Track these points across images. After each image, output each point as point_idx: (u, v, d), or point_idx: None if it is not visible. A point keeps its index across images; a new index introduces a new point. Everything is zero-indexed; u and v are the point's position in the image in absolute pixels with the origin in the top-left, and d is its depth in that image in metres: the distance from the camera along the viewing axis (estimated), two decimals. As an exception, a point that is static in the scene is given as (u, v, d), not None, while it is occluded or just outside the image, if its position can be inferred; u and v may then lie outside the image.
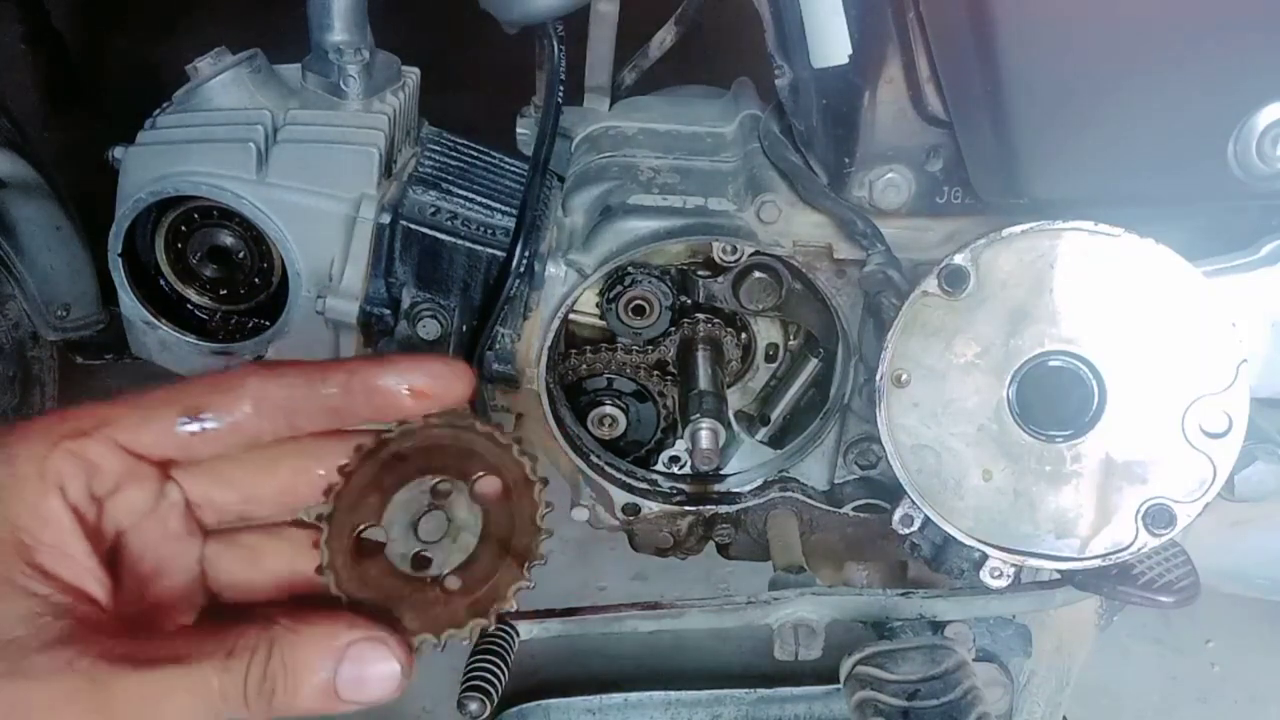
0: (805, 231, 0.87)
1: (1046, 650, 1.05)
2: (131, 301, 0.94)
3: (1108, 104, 0.71)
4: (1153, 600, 0.77)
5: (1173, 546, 0.79)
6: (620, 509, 1.01)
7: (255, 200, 0.88)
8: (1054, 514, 0.76)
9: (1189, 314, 0.71)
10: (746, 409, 1.03)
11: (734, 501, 1.00)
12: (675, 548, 1.04)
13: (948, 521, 0.77)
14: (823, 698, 1.10)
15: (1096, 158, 0.74)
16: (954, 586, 0.89)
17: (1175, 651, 1.80)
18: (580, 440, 1.00)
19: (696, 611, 0.91)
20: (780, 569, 0.95)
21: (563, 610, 0.91)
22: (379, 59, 0.97)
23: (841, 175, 0.83)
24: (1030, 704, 1.07)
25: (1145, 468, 0.74)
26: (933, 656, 0.87)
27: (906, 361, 0.75)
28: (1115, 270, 0.72)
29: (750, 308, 0.94)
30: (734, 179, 0.91)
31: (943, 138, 0.80)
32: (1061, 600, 0.91)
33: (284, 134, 0.90)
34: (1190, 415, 0.73)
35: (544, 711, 1.09)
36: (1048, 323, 0.73)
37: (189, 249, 0.96)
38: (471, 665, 0.84)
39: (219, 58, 0.93)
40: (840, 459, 0.98)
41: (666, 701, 1.11)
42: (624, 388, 1.01)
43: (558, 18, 0.90)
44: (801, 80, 0.85)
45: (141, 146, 0.90)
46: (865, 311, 0.88)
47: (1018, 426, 0.75)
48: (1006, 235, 0.72)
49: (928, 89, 0.77)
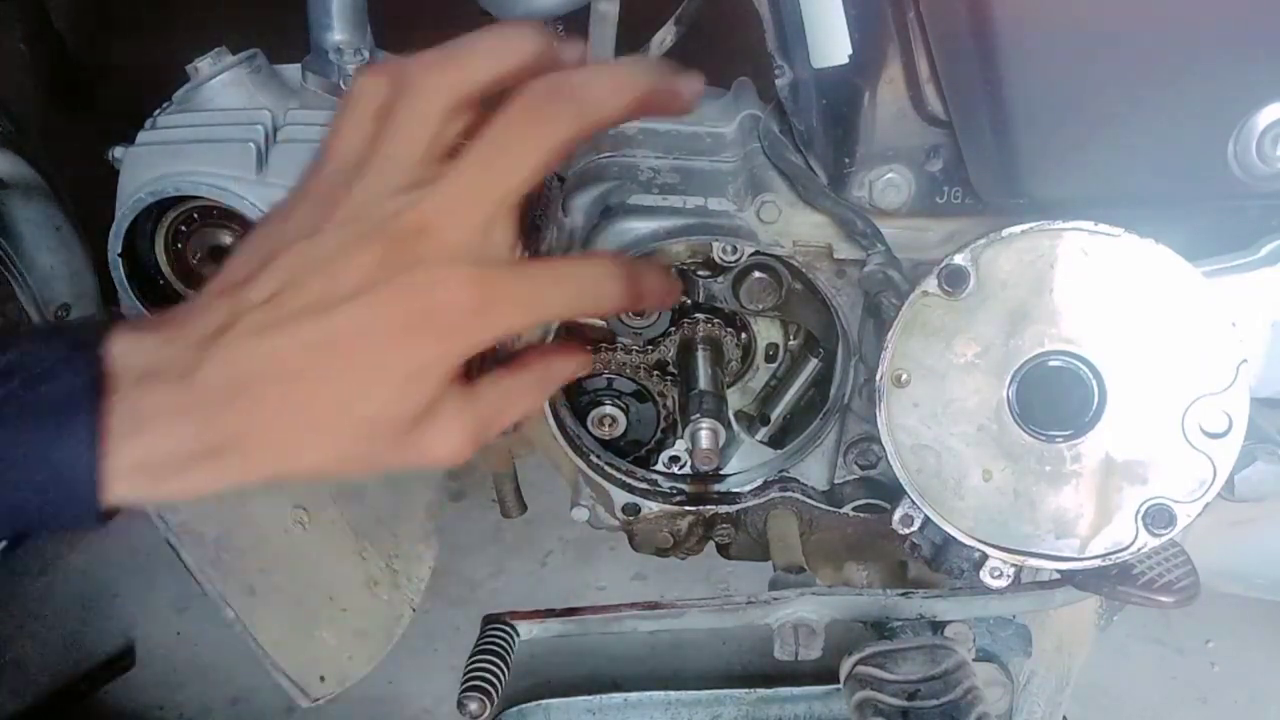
0: (805, 231, 0.87)
1: (1046, 650, 1.05)
2: (131, 301, 0.94)
3: (1108, 104, 0.71)
4: (1153, 600, 0.77)
5: (1173, 546, 0.79)
6: (620, 509, 1.01)
7: (255, 200, 0.88)
8: (1054, 514, 0.76)
9: (1189, 314, 0.72)
10: (746, 409, 1.04)
11: (734, 501, 1.00)
12: (675, 548, 1.04)
13: (948, 521, 0.77)
14: (823, 698, 1.11)
15: (1096, 158, 0.74)
16: (954, 586, 0.89)
17: (1175, 651, 1.80)
18: (580, 440, 1.00)
19: (696, 611, 0.91)
20: (780, 569, 0.95)
21: (563, 610, 0.91)
22: (379, 59, 0.97)
23: (841, 175, 0.83)
24: (1030, 704, 1.07)
25: (1145, 468, 0.74)
26: (933, 656, 0.87)
27: (906, 361, 0.75)
28: (1115, 270, 0.72)
29: (750, 308, 0.94)
30: (734, 179, 0.91)
31: (943, 138, 0.80)
32: (1061, 600, 0.91)
33: (284, 134, 0.90)
34: (1190, 415, 0.73)
35: (544, 711, 1.09)
36: (1048, 323, 0.73)
37: (189, 249, 0.96)
38: (471, 665, 0.84)
39: (219, 58, 0.93)
40: (840, 459, 0.98)
41: (666, 701, 1.11)
42: (624, 388, 1.01)
43: (558, 18, 0.90)
44: (801, 80, 0.85)
45: (141, 146, 0.90)
46: (865, 311, 0.88)
47: (1018, 426, 0.75)
48: (1006, 235, 0.72)
49: (928, 89, 0.77)
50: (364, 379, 0.56)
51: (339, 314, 0.55)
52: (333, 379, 0.56)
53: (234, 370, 0.55)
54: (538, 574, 1.99)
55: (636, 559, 1.86)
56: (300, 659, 1.13)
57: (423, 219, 0.57)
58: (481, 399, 0.62)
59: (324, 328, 0.55)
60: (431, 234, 0.57)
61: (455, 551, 1.96)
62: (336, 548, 1.24)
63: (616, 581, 1.94)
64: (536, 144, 0.58)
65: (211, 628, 1.80)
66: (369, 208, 0.57)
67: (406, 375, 0.57)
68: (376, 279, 0.56)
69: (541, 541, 2.04)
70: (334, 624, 1.19)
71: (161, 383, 0.54)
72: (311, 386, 0.56)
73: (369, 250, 0.56)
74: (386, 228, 0.57)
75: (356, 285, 0.56)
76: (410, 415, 0.58)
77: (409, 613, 1.29)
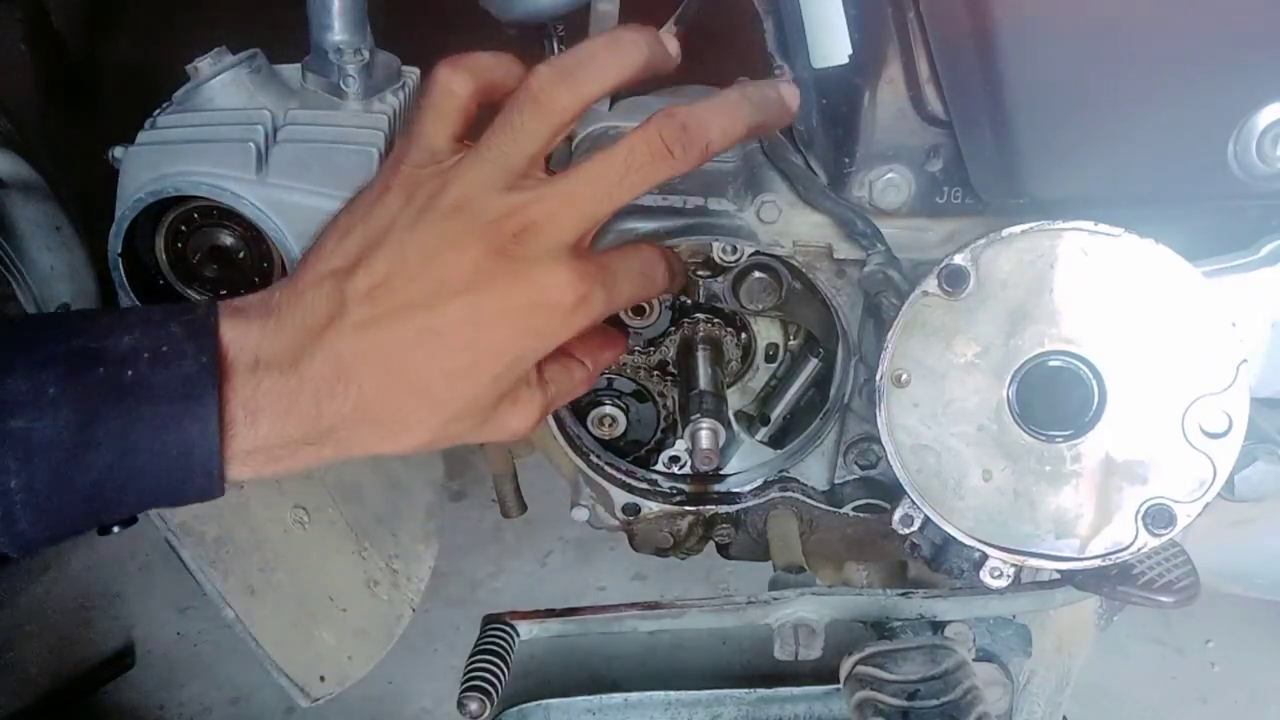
0: (805, 231, 0.87)
1: (1046, 650, 1.05)
2: (131, 302, 0.94)
3: (1108, 104, 0.71)
4: (1153, 600, 0.77)
5: (1173, 546, 0.79)
6: (620, 509, 1.01)
7: (255, 200, 0.88)
8: (1054, 514, 0.76)
9: (1189, 314, 0.72)
10: (746, 409, 1.04)
11: (734, 501, 1.00)
12: (675, 548, 1.04)
13: (948, 521, 0.77)
14: (823, 698, 1.11)
15: (1096, 158, 0.74)
16: (954, 586, 0.89)
17: (1175, 651, 1.80)
18: (580, 440, 1.00)
19: (696, 611, 0.91)
20: (780, 569, 0.95)
21: (563, 610, 0.91)
22: (379, 59, 0.97)
23: (841, 175, 0.83)
24: (1030, 704, 1.07)
25: (1145, 468, 0.74)
26: (933, 656, 0.87)
27: (906, 361, 0.75)
28: (1115, 270, 0.72)
29: (750, 308, 0.94)
30: (734, 179, 0.91)
31: (943, 138, 0.80)
32: (1061, 600, 0.91)
33: (284, 134, 0.90)
34: (1190, 415, 0.73)
35: (544, 711, 1.09)
36: (1048, 323, 0.73)
37: (189, 249, 0.96)
38: (471, 665, 0.84)
39: (219, 58, 0.93)
40: (840, 459, 0.98)
41: (666, 701, 1.11)
42: (624, 387, 1.01)
43: (558, 17, 0.90)
44: (801, 80, 0.85)
45: (141, 146, 0.90)
46: (865, 311, 0.88)
47: (1018, 426, 0.75)
48: (1006, 235, 0.72)
49: (928, 89, 0.77)
50: (465, 369, 0.61)
51: (447, 308, 0.59)
52: (434, 369, 0.60)
53: (341, 362, 0.58)
54: (538, 574, 1.99)
55: (636, 559, 1.86)
56: (300, 659, 1.13)
57: (531, 219, 0.60)
58: (551, 382, 0.68)
59: (432, 322, 0.59)
60: (538, 234, 0.60)
61: (455, 551, 1.96)
62: (336, 548, 1.24)
63: (616, 581, 1.95)
64: (655, 175, 0.63)
65: (211, 628, 1.80)
66: (475, 203, 0.60)
67: (505, 365, 0.62)
68: (484, 274, 0.59)
69: (541, 541, 2.04)
70: (334, 624, 1.19)
71: (273, 371, 0.57)
72: (414, 376, 0.60)
73: (477, 245, 0.59)
74: (496, 225, 0.60)
75: (464, 280, 0.59)
76: (500, 395, 0.63)
77: (409, 613, 1.29)
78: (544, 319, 0.61)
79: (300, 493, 1.21)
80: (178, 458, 0.55)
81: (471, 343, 0.60)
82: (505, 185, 0.61)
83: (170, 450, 0.55)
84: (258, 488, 1.16)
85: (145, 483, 0.56)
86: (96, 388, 0.54)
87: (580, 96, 0.62)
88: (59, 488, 0.54)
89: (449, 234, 0.60)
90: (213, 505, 1.12)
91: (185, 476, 0.56)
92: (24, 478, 0.53)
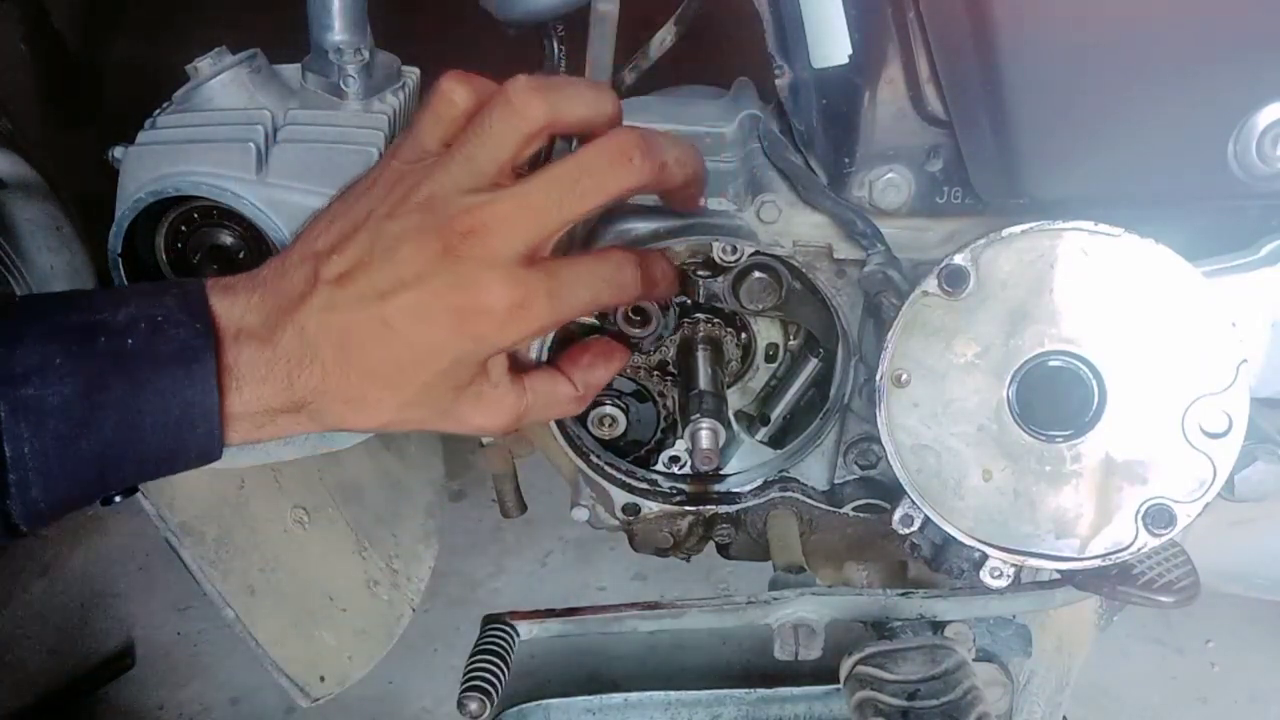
0: (805, 231, 0.87)
1: (1046, 650, 1.05)
2: (132, 301, 0.94)
3: (1107, 104, 0.71)
4: (1153, 600, 0.77)
5: (1173, 546, 0.79)
6: (620, 509, 1.01)
7: (255, 200, 0.88)
8: (1054, 514, 0.76)
9: (1189, 314, 0.72)
10: (746, 409, 1.04)
11: (734, 501, 1.00)
12: (675, 548, 1.04)
13: (948, 521, 0.77)
14: (823, 698, 1.11)
15: (1096, 158, 0.74)
16: (954, 586, 0.89)
17: (1175, 651, 1.80)
18: (580, 440, 1.00)
19: (696, 611, 0.91)
20: (780, 569, 0.95)
21: (563, 610, 0.91)
22: (379, 59, 0.97)
23: (841, 175, 0.83)
24: (1030, 704, 1.08)
25: (1145, 468, 0.74)
26: (933, 656, 0.87)
27: (906, 361, 0.75)
28: (1115, 270, 0.72)
29: (750, 308, 0.94)
30: (734, 179, 0.91)
31: (943, 138, 0.80)
32: (1061, 600, 0.91)
33: (284, 134, 0.90)
34: (1190, 415, 0.73)
35: (544, 711, 1.09)
36: (1048, 323, 0.73)
37: (189, 249, 0.96)
38: (471, 665, 0.84)
39: (219, 58, 0.93)
40: (840, 459, 0.98)
41: (666, 701, 1.11)
42: (624, 387, 1.01)
43: (558, 18, 0.90)
44: (801, 80, 0.85)
45: (141, 146, 0.90)
46: (865, 311, 0.88)
47: (1018, 426, 0.75)
48: (1006, 235, 0.72)
49: (928, 89, 0.77)
50: (411, 362, 0.64)
51: (397, 300, 0.62)
52: (383, 357, 0.63)
53: (306, 338, 0.62)
54: (538, 574, 1.99)
55: (636, 559, 1.86)
56: (300, 659, 1.13)
57: (481, 221, 0.62)
58: (531, 390, 0.71)
59: (384, 312, 0.62)
60: (484, 236, 0.62)
61: (455, 551, 1.96)
62: (336, 548, 1.24)
63: (616, 581, 1.95)
64: (610, 184, 0.64)
65: (211, 628, 1.80)
66: (439, 200, 0.63)
67: (448, 362, 0.64)
68: (431, 272, 0.62)
69: (541, 541, 2.04)
70: (334, 624, 1.19)
71: (253, 341, 0.61)
72: (367, 361, 0.63)
73: (430, 242, 0.62)
74: (449, 224, 0.62)
75: (415, 275, 0.62)
76: (455, 389, 0.66)
77: (409, 613, 1.29)
78: (477, 323, 0.63)
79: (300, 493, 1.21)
80: (179, 419, 0.59)
81: (414, 338, 0.63)
82: (470, 187, 0.63)
83: (172, 411, 0.58)
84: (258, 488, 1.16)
85: (149, 447, 0.59)
86: (101, 357, 0.57)
87: (553, 109, 0.63)
88: (69, 454, 0.56)
89: (411, 229, 0.63)
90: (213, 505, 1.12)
91: (187, 437, 0.59)
92: (37, 444, 0.55)
